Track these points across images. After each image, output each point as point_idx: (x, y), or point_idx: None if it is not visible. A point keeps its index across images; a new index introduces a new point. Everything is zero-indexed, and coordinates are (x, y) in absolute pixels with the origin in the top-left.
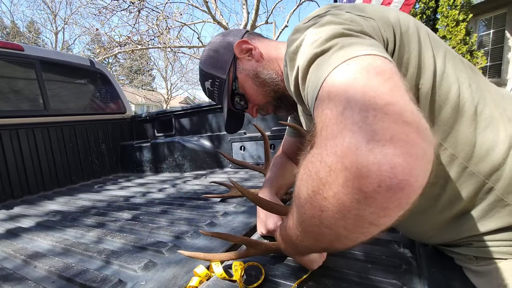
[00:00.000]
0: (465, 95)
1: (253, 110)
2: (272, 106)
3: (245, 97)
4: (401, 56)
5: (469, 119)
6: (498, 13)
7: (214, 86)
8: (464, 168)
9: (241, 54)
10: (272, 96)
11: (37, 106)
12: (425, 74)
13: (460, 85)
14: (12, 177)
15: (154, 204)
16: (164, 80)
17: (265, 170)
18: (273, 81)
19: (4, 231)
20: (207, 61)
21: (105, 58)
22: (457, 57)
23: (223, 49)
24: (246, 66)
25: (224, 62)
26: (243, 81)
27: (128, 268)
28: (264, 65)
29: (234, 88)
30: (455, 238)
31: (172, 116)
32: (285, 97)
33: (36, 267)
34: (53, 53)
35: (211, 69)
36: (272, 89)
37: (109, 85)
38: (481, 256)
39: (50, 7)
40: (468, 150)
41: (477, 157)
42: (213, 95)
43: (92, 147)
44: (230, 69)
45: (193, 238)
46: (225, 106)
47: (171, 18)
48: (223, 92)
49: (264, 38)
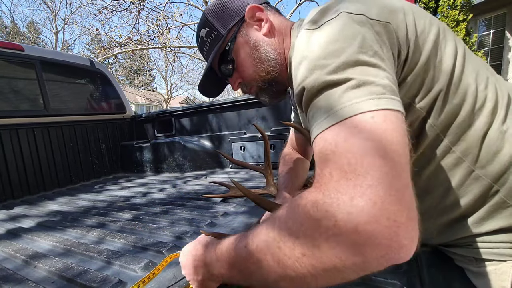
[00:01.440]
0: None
1: (236, 82)
2: (256, 87)
3: (233, 64)
4: (415, 61)
5: (482, 123)
6: (498, 13)
7: (209, 37)
8: (470, 171)
9: (251, 20)
10: (262, 76)
11: (37, 106)
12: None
13: (477, 85)
14: (12, 177)
15: (154, 204)
16: (164, 80)
17: (265, 170)
18: (269, 61)
19: (4, 231)
20: (213, 9)
21: (105, 58)
22: (474, 55)
23: (235, 4)
24: (250, 33)
25: (230, 17)
26: (240, 46)
27: (128, 268)
28: (268, 41)
29: (228, 49)
30: (456, 238)
31: (172, 116)
32: (275, 82)
33: (36, 267)
34: (53, 53)
35: (213, 17)
36: (265, 69)
37: (109, 85)
38: (480, 258)
39: (50, 7)
40: (475, 153)
41: (484, 160)
42: (204, 46)
43: (92, 147)
44: (233, 28)
45: (193, 238)
46: (209, 63)
47: (171, 18)
48: (214, 47)
49: (281, 15)
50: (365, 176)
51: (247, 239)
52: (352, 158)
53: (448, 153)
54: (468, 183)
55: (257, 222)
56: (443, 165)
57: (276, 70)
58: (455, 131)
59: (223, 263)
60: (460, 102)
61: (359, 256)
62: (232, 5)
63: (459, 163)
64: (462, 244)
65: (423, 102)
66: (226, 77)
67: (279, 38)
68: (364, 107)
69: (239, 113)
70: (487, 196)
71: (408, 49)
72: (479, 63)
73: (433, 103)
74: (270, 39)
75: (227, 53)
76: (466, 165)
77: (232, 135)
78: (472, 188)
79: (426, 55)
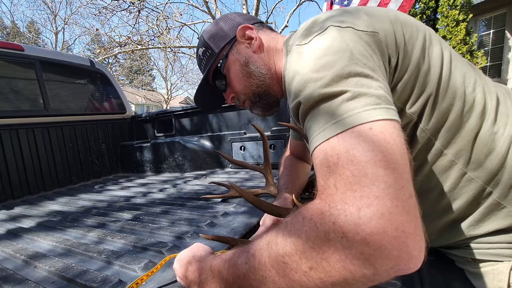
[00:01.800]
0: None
1: (229, 96)
2: (248, 101)
3: (226, 79)
4: (405, 68)
5: (472, 125)
6: (498, 13)
7: (205, 55)
8: (463, 173)
9: (242, 38)
10: (252, 90)
11: (37, 106)
12: (431, 81)
13: (465, 88)
14: (12, 177)
15: (154, 204)
16: (164, 80)
17: (265, 170)
18: (260, 76)
19: (4, 231)
20: (210, 30)
21: (105, 58)
22: (460, 57)
23: (228, 25)
24: (241, 51)
25: (222, 37)
26: (231, 64)
27: (128, 268)
28: (258, 57)
29: (220, 66)
30: (454, 241)
31: (172, 116)
32: (266, 96)
33: (36, 268)
34: (53, 53)
35: (209, 38)
36: (256, 84)
37: (109, 85)
38: (478, 259)
39: (50, 7)
40: (467, 156)
41: (476, 162)
42: (201, 63)
43: (92, 147)
44: (225, 46)
45: (193, 238)
46: (203, 79)
47: (171, 18)
48: (209, 65)
49: (273, 32)
50: (370, 187)
51: (247, 255)
52: (356, 170)
53: (440, 156)
54: (461, 186)
55: (256, 222)
56: (435, 168)
57: (266, 83)
58: (445, 134)
59: (220, 281)
60: (449, 106)
61: (369, 268)
62: (226, 26)
63: (452, 165)
64: (460, 246)
65: (414, 107)
66: (220, 92)
67: (269, 54)
68: (362, 118)
69: (239, 113)
70: (480, 198)
71: (398, 56)
72: (466, 66)
73: (423, 107)
74: (260, 55)
75: (220, 69)
76: (458, 168)
77: (232, 135)
78: (466, 190)
79: (415, 61)
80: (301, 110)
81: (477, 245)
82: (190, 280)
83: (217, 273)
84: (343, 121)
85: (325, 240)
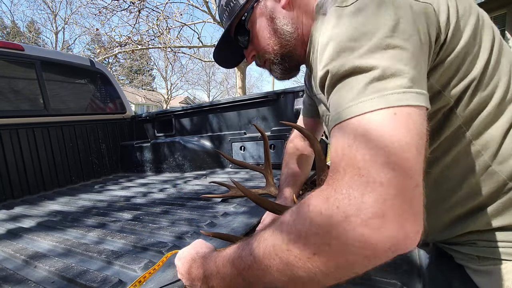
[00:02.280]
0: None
1: (250, 54)
2: (269, 61)
3: (249, 35)
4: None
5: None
6: (498, 13)
7: (228, 5)
8: (487, 166)
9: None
10: (275, 49)
11: (37, 106)
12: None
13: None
14: (12, 177)
15: (154, 204)
16: (164, 80)
17: (265, 171)
18: (285, 35)
19: (4, 231)
20: None
21: (105, 58)
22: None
23: None
24: (269, 4)
25: None
26: (256, 17)
27: (128, 268)
28: (286, 14)
29: (244, 19)
30: (462, 233)
31: (172, 116)
32: (288, 57)
33: (36, 267)
34: (53, 53)
35: None
36: (280, 42)
37: (109, 85)
38: (484, 256)
39: (50, 7)
40: (495, 149)
41: (503, 156)
42: (223, 15)
43: (92, 147)
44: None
45: (193, 238)
46: (225, 32)
47: (171, 18)
48: (231, 17)
49: None
50: (378, 174)
51: (251, 246)
52: (367, 155)
53: (468, 145)
54: (483, 178)
55: (256, 222)
56: (459, 158)
57: (291, 44)
58: (479, 123)
59: (224, 275)
60: (490, 94)
61: (369, 249)
62: None
63: (477, 156)
64: (464, 242)
65: (454, 90)
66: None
67: (299, 12)
68: (389, 102)
69: (239, 113)
70: (500, 192)
71: (447, 33)
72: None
73: (463, 92)
74: (289, 12)
75: (243, 23)
76: (483, 160)
77: (232, 135)
78: (486, 183)
79: (465, 41)
80: (329, 80)
81: (485, 243)
82: (194, 277)
83: (221, 268)
84: (369, 102)
85: (329, 224)
